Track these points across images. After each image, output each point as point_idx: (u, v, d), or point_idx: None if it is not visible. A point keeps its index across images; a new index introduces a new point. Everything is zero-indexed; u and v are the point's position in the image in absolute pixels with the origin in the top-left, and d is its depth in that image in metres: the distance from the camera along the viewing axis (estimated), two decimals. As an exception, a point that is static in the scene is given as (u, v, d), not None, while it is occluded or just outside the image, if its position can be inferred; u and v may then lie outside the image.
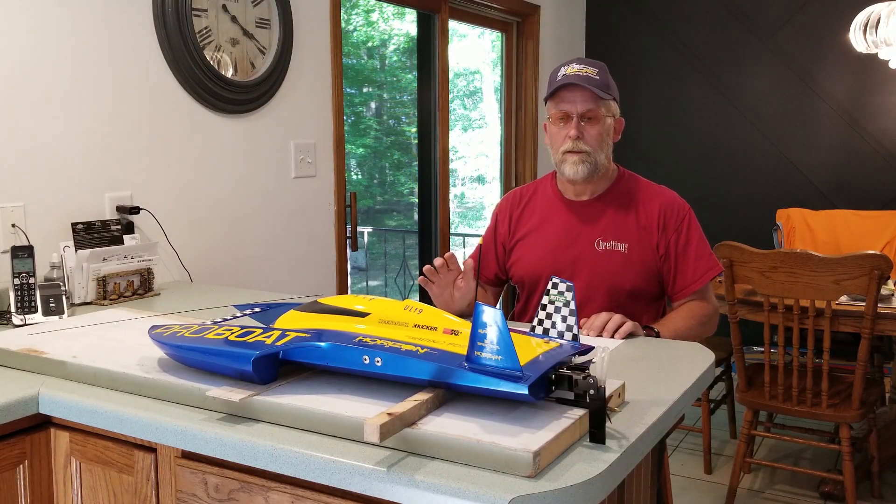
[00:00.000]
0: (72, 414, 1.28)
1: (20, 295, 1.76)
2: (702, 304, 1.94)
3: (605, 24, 4.87)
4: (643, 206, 1.95)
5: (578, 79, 1.85)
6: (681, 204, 1.97)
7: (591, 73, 1.87)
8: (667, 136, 4.75)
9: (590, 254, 1.93)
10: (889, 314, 2.61)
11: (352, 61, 5.56)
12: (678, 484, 3.15)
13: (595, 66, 1.90)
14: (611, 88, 1.91)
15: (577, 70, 1.88)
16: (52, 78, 2.04)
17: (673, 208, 1.94)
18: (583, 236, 1.95)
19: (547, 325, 1.27)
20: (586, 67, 1.88)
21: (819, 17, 4.26)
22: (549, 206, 2.02)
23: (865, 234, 3.64)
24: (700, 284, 1.93)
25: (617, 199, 1.96)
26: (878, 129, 4.20)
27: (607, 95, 1.88)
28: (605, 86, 1.88)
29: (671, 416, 1.23)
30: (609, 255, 1.92)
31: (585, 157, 1.88)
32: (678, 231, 1.93)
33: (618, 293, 1.90)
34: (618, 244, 1.92)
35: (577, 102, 1.87)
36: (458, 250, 5.18)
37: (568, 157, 1.89)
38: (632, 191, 1.97)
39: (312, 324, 1.27)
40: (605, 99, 1.88)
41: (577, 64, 1.90)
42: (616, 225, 1.94)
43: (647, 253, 1.92)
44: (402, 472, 0.98)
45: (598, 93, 1.85)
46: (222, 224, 2.54)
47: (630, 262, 1.91)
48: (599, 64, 1.92)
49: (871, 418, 2.89)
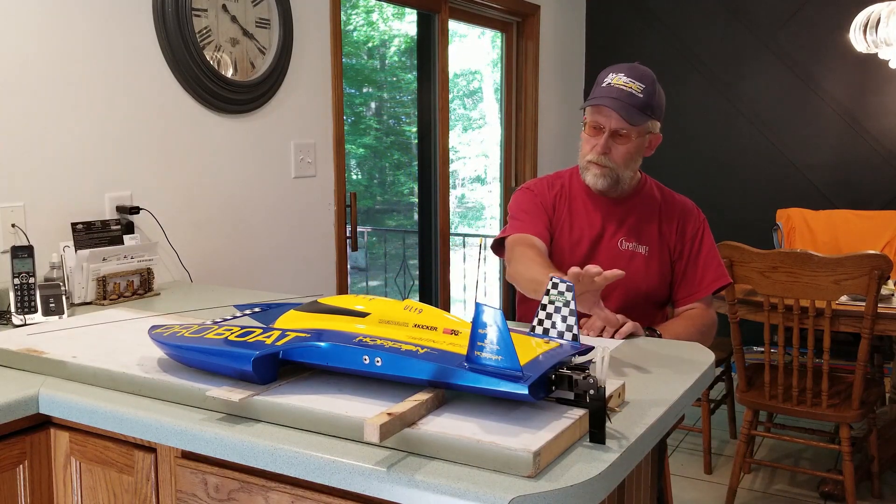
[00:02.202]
0: (72, 414, 1.28)
1: (20, 295, 1.76)
2: (703, 312, 1.94)
3: (605, 24, 4.87)
4: (664, 212, 1.98)
5: (618, 98, 1.79)
6: (698, 213, 2.01)
7: (635, 89, 1.80)
8: (666, 136, 4.70)
9: (612, 251, 1.94)
10: (889, 314, 2.61)
11: (352, 61, 5.56)
12: (678, 484, 3.15)
13: (643, 81, 1.82)
14: (653, 108, 1.84)
15: (623, 83, 1.81)
16: (52, 78, 2.04)
17: (691, 216, 1.98)
18: (607, 233, 1.95)
19: (547, 325, 1.27)
20: (632, 81, 1.81)
21: (819, 17, 4.26)
22: (578, 198, 1.98)
23: (865, 234, 3.64)
24: (706, 293, 1.94)
25: (642, 204, 1.98)
26: (878, 129, 4.20)
27: (644, 118, 1.82)
28: (647, 106, 1.81)
29: (671, 416, 1.23)
30: (631, 256, 1.93)
31: (608, 172, 1.87)
32: (693, 238, 1.96)
33: (635, 294, 1.91)
34: (639, 246, 1.94)
35: (613, 118, 1.81)
36: (457, 250, 5.18)
37: (591, 167, 1.88)
38: (655, 197, 1.99)
39: (312, 324, 1.27)
40: (640, 121, 1.82)
41: (626, 76, 1.82)
42: (639, 227, 1.95)
43: (665, 258, 1.95)
44: (402, 472, 0.98)
45: (633, 117, 1.80)
46: (222, 224, 2.54)
47: (650, 265, 1.93)
48: (648, 76, 1.83)
49: (871, 418, 2.89)
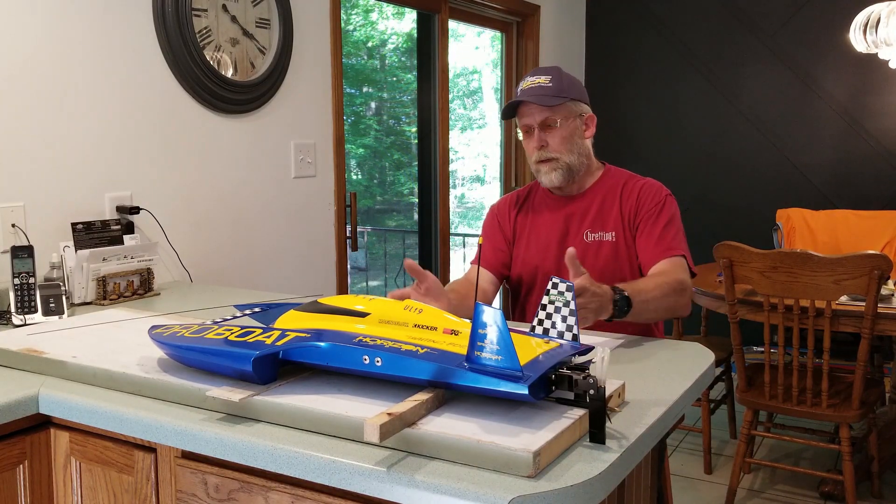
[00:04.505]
0: (72, 414, 1.28)
1: (20, 295, 1.76)
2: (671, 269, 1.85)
3: (605, 24, 4.87)
4: (626, 194, 1.97)
5: (529, 93, 1.89)
6: (659, 188, 1.97)
7: (542, 81, 1.90)
8: (667, 135, 4.75)
9: (579, 246, 1.94)
10: (889, 314, 2.61)
11: (352, 61, 5.56)
12: (678, 484, 3.15)
13: (548, 73, 1.92)
14: (565, 90, 1.91)
15: (530, 83, 1.91)
16: (52, 78, 2.04)
17: (651, 192, 1.96)
18: (572, 230, 1.98)
19: (547, 325, 1.27)
20: (538, 77, 1.91)
21: (819, 17, 4.26)
22: (541, 205, 2.06)
23: (865, 234, 3.64)
24: (666, 255, 1.87)
25: (603, 192, 1.99)
26: (878, 129, 4.20)
27: (559, 100, 1.89)
28: (558, 90, 1.89)
29: (671, 416, 1.23)
30: (598, 246, 1.95)
31: (555, 164, 1.92)
32: (651, 211, 1.93)
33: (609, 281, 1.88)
34: (605, 234, 1.95)
35: (535, 114, 1.91)
36: (457, 250, 5.18)
37: (540, 166, 1.94)
38: (617, 183, 2.00)
39: (312, 324, 1.27)
40: (558, 105, 1.89)
41: (530, 76, 1.93)
42: (603, 216, 1.97)
43: (629, 236, 1.94)
44: (402, 472, 0.98)
45: (547, 102, 1.87)
46: (222, 224, 2.54)
47: (618, 249, 1.94)
48: (553, 69, 1.94)
49: (871, 418, 2.89)
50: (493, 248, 2.07)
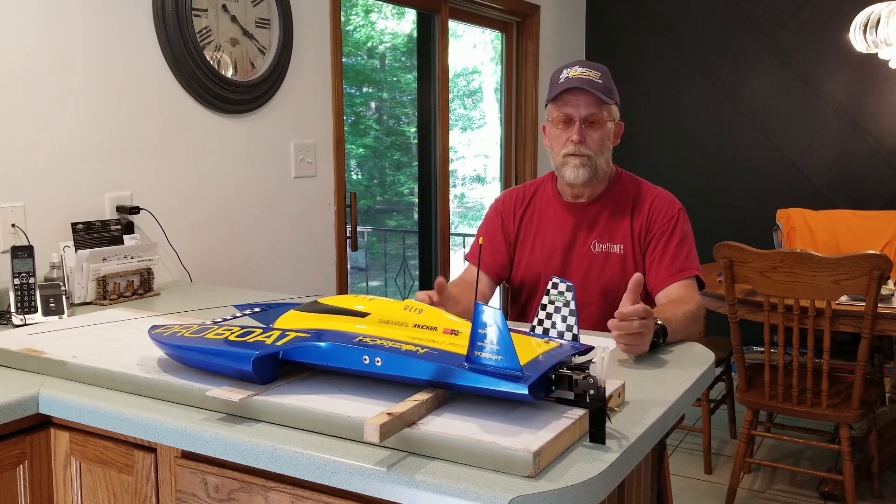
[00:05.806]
0: (72, 414, 1.28)
1: (20, 295, 1.76)
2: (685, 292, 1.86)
3: (605, 24, 4.87)
4: (638, 206, 1.95)
5: (581, 82, 1.84)
6: (672, 202, 1.95)
7: (593, 76, 1.86)
8: (667, 136, 4.75)
9: (586, 257, 1.93)
10: (889, 314, 2.61)
11: (352, 61, 5.56)
12: (678, 484, 3.15)
13: (598, 70, 1.89)
14: (612, 93, 1.90)
15: (581, 73, 1.87)
16: (51, 78, 2.04)
17: (663, 206, 1.94)
18: (579, 239, 1.95)
19: (547, 325, 1.27)
20: (589, 70, 1.87)
21: (819, 17, 4.26)
22: (548, 208, 2.02)
23: (865, 234, 3.64)
24: (678, 278, 1.88)
25: (613, 201, 1.97)
26: (878, 129, 4.20)
27: (610, 100, 1.88)
28: (608, 90, 1.88)
29: (671, 416, 1.23)
30: (605, 258, 1.93)
31: (587, 161, 1.88)
32: (664, 228, 1.92)
33: (615, 295, 1.88)
34: (613, 246, 1.93)
35: (581, 106, 1.86)
36: (457, 250, 5.18)
37: (569, 160, 1.89)
38: (628, 192, 1.98)
39: (312, 324, 1.27)
40: (607, 103, 1.88)
41: (580, 67, 1.88)
42: (612, 227, 1.94)
43: (638, 251, 1.92)
44: (402, 472, 0.98)
45: (601, 97, 1.85)
46: (222, 224, 2.54)
47: (625, 263, 1.92)
48: (602, 67, 1.91)
49: (871, 418, 2.89)
50: (492, 250, 2.04)
